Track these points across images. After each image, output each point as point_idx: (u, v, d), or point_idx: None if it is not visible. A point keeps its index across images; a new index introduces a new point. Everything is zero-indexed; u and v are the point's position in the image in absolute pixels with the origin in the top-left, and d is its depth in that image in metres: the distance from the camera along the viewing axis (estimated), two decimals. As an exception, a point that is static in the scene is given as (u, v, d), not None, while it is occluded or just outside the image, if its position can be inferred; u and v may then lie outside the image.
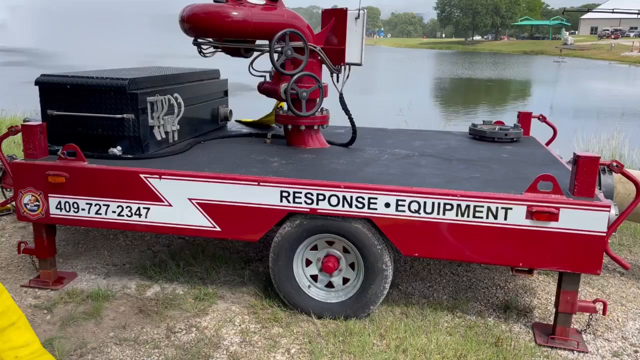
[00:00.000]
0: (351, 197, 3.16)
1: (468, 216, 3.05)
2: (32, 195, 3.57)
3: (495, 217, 3.02)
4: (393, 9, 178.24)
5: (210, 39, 4.07)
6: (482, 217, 3.03)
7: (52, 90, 3.76)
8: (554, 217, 2.94)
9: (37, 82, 3.78)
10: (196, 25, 3.84)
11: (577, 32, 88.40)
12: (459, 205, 3.04)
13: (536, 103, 21.41)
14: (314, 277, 3.48)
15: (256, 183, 3.26)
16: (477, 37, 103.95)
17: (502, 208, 3.00)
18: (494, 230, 3.03)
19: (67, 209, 3.55)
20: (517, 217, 2.99)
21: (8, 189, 4.57)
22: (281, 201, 3.26)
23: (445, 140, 4.65)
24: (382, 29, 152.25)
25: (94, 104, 3.67)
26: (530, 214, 2.96)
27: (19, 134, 3.63)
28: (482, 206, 3.02)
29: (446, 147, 4.35)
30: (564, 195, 2.97)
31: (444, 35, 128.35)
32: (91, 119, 3.69)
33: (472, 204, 3.03)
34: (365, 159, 3.86)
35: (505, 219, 3.01)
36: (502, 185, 3.20)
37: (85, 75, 3.77)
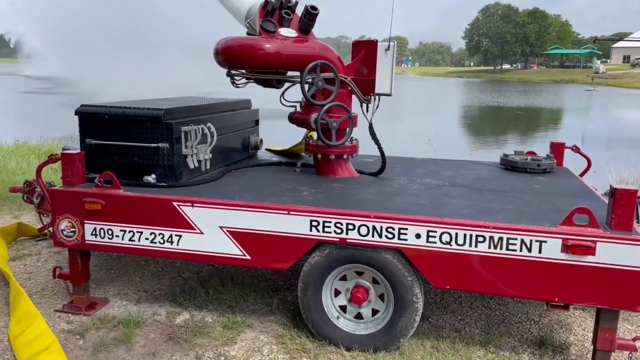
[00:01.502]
0: (381, 227, 3.14)
1: (501, 249, 2.99)
2: (69, 222, 3.66)
3: (530, 250, 2.96)
4: (421, 38, 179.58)
5: (243, 70, 4.17)
6: (515, 250, 2.98)
7: (90, 119, 3.89)
8: (590, 251, 2.87)
9: (77, 112, 3.92)
10: (230, 57, 3.94)
11: (609, 60, 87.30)
12: (491, 237, 3.00)
13: (568, 132, 21.10)
14: (343, 308, 3.45)
15: (286, 212, 3.28)
16: (506, 66, 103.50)
17: (536, 241, 2.94)
18: (528, 263, 2.97)
19: (102, 236, 3.63)
20: (552, 250, 2.92)
21: (45, 215, 4.70)
22: (311, 230, 3.26)
23: (475, 170, 4.61)
24: (410, 57, 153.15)
25: (131, 133, 3.78)
26: (566, 248, 2.89)
27: (58, 162, 3.75)
28: (516, 239, 2.96)
29: (477, 177, 4.31)
30: (601, 228, 2.90)
31: (472, 64, 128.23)
32: (127, 147, 3.80)
33: (505, 236, 2.98)
34: (394, 189, 3.85)
35: (540, 252, 2.94)
36: (535, 217, 3.14)
37: (123, 105, 3.90)
